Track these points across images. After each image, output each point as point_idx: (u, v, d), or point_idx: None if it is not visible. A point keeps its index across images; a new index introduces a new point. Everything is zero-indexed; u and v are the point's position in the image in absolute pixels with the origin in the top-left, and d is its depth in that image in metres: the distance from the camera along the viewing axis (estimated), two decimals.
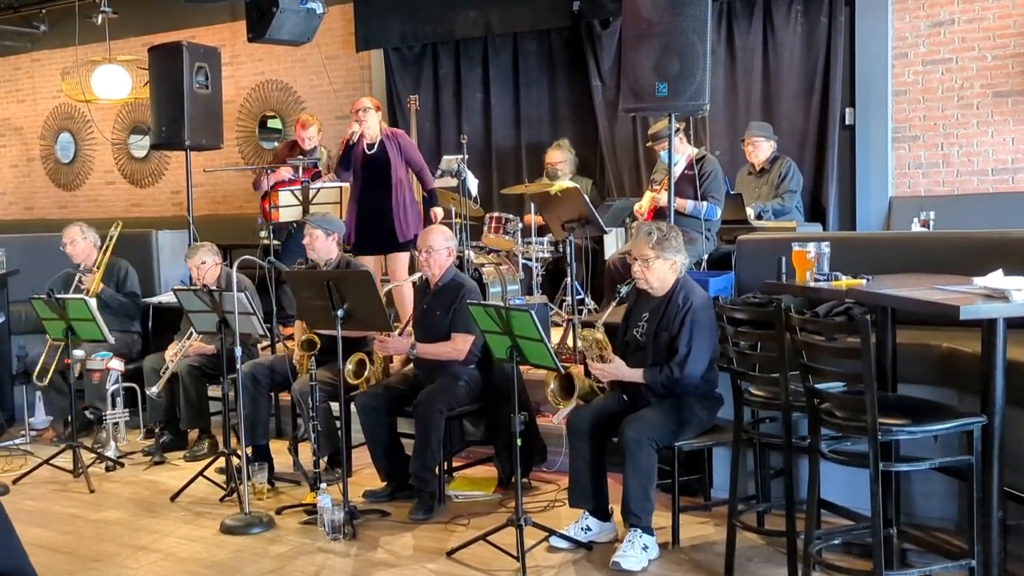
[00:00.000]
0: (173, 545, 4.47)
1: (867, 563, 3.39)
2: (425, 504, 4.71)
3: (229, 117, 9.30)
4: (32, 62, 11.89)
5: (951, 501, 4.03)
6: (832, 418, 3.35)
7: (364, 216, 6.63)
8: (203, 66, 7.08)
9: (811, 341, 3.34)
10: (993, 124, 7.05)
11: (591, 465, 4.23)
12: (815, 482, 3.47)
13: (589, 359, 4.34)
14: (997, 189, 7.05)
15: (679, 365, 4.10)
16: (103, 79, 9.79)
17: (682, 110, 5.31)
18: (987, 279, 3.26)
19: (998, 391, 3.18)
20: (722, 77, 7.60)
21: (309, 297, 4.77)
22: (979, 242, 4.57)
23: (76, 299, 5.58)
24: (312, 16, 7.02)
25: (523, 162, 8.61)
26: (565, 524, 4.33)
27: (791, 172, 6.83)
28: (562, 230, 5.95)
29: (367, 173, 6.59)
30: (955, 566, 3.39)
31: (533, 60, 8.65)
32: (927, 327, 4.13)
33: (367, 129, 6.50)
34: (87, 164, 11.67)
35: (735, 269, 5.23)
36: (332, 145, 9.05)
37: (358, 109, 6.54)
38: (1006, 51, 6.94)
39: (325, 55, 9.43)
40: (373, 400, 4.93)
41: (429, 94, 9.04)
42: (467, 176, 7.02)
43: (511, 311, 3.99)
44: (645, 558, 3.98)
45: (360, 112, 6.50)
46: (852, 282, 3.69)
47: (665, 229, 4.26)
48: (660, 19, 5.10)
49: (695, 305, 4.16)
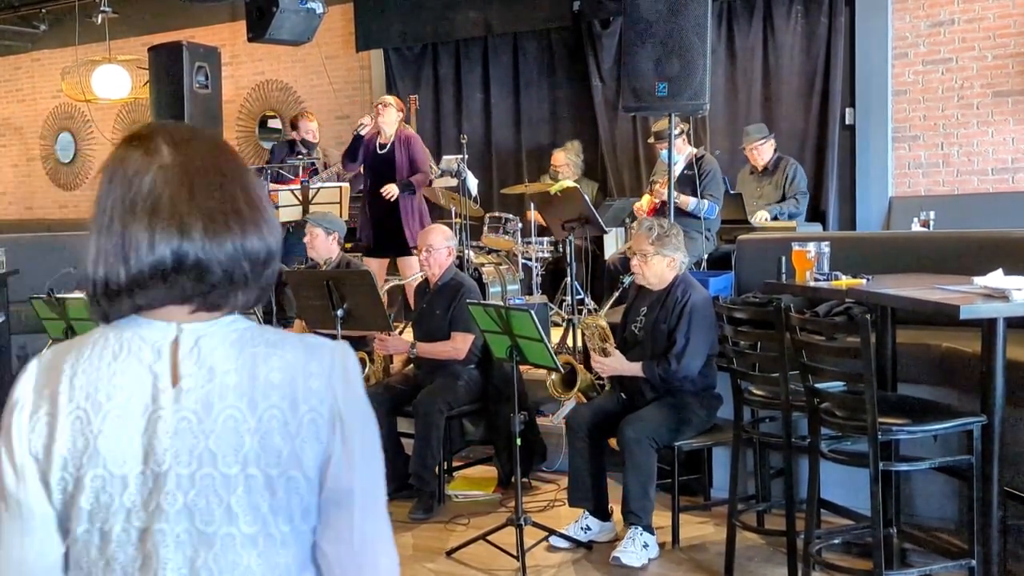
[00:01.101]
0: None
1: (867, 563, 3.40)
2: (425, 504, 4.71)
3: (229, 117, 9.29)
4: (32, 62, 11.89)
5: (951, 501, 4.03)
6: (832, 418, 3.35)
7: (376, 219, 6.65)
8: (203, 66, 7.08)
9: (811, 341, 3.35)
10: (993, 124, 7.05)
11: (591, 464, 4.23)
12: (815, 482, 3.47)
13: (591, 350, 4.35)
14: (997, 189, 7.05)
15: (676, 357, 4.10)
16: (103, 79, 9.78)
17: (682, 110, 5.31)
18: (987, 279, 3.26)
19: (998, 391, 3.19)
20: (722, 77, 7.59)
21: (309, 297, 4.77)
22: (979, 242, 4.56)
23: (76, 299, 5.58)
24: (312, 16, 7.02)
25: (523, 162, 8.61)
26: (565, 524, 4.33)
27: (798, 174, 6.84)
28: (562, 230, 5.95)
29: (375, 172, 6.60)
30: (955, 566, 3.40)
31: (533, 60, 8.65)
32: (927, 327, 4.12)
33: (383, 127, 6.53)
34: (87, 164, 11.66)
35: (735, 269, 5.23)
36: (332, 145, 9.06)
37: (378, 104, 6.59)
38: (1006, 51, 6.94)
39: (325, 55, 9.42)
40: (373, 400, 4.78)
41: (429, 94, 9.04)
42: (467, 176, 7.02)
43: (511, 311, 4.00)
44: (645, 556, 3.98)
45: (380, 107, 6.54)
46: (852, 282, 3.69)
47: (666, 226, 4.26)
48: (660, 19, 5.10)
49: (694, 299, 4.17)
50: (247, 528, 1.22)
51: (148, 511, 1.21)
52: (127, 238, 1.23)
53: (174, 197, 1.24)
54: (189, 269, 1.23)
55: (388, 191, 6.53)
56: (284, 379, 1.25)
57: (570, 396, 4.39)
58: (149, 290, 1.24)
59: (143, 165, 1.25)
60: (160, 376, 1.23)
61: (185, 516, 1.21)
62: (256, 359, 1.25)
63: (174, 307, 1.26)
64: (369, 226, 6.71)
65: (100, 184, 1.29)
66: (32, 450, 1.23)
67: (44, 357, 1.28)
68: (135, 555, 1.21)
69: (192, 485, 1.21)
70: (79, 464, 1.21)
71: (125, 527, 1.21)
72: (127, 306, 1.25)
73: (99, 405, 1.22)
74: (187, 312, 1.26)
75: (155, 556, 1.21)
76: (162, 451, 1.21)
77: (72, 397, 1.22)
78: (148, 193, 1.24)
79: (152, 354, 1.24)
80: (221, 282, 1.25)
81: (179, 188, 1.24)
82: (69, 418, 1.22)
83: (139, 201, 1.24)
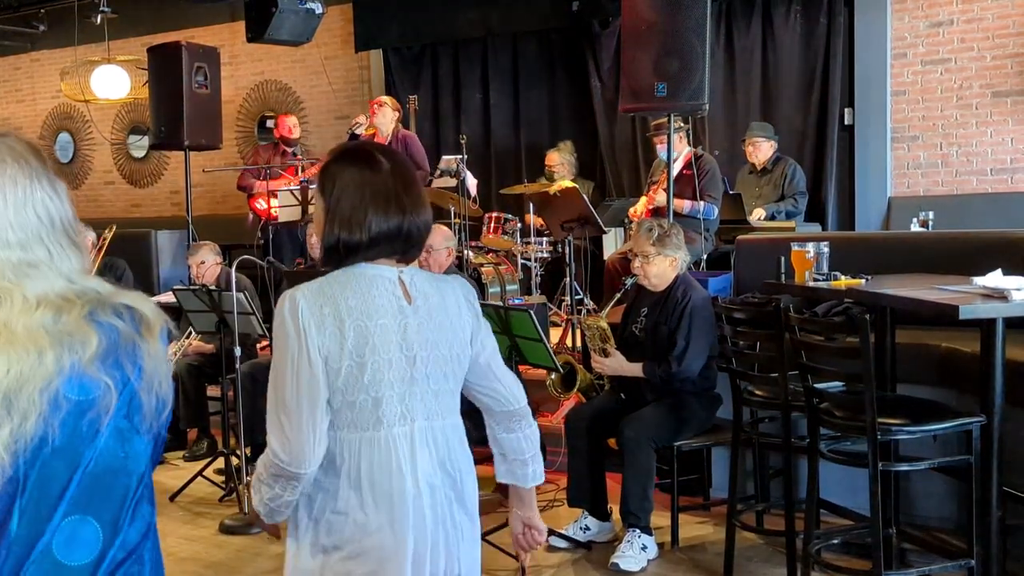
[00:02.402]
0: (172, 545, 4.47)
1: (866, 563, 3.40)
2: None
3: (228, 117, 9.29)
4: (31, 62, 11.88)
5: (950, 501, 4.03)
6: (831, 418, 3.35)
7: None
8: (202, 66, 7.08)
9: (810, 341, 3.35)
10: (992, 124, 7.05)
11: (590, 465, 4.23)
12: (814, 482, 3.47)
13: (592, 350, 4.35)
14: (996, 189, 7.05)
15: (677, 358, 4.10)
16: (102, 79, 9.78)
17: (681, 110, 5.31)
18: (986, 279, 3.26)
19: (997, 391, 3.19)
20: (721, 77, 7.60)
21: None
22: (978, 242, 4.57)
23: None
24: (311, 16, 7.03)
25: (522, 162, 8.62)
26: (564, 524, 4.33)
27: (797, 173, 6.84)
28: (561, 230, 5.95)
29: None
30: (954, 566, 3.40)
31: (533, 60, 8.65)
32: (926, 327, 4.12)
33: (380, 127, 6.53)
34: (86, 164, 11.66)
35: (734, 269, 5.23)
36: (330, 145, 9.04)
37: (374, 103, 6.59)
38: (1005, 51, 6.94)
39: (324, 55, 9.42)
40: None
41: (428, 94, 9.04)
42: (466, 176, 7.02)
43: (510, 311, 4.00)
44: (644, 558, 3.98)
45: (375, 106, 6.55)
46: (851, 282, 3.69)
47: (666, 226, 4.26)
48: (660, 19, 5.10)
49: (694, 300, 4.16)
50: (452, 385, 2.05)
51: (404, 381, 1.96)
52: (367, 214, 1.94)
53: (397, 190, 1.98)
54: (404, 235, 1.99)
55: None
56: (453, 299, 2.06)
57: (570, 396, 4.39)
58: (380, 247, 1.97)
59: (374, 170, 1.98)
60: (400, 298, 1.99)
61: (425, 381, 1.98)
62: (441, 288, 2.06)
63: (386, 259, 2.00)
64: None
65: (326, 183, 1.99)
66: (323, 349, 1.89)
67: (305, 292, 1.92)
68: (398, 409, 1.95)
69: (429, 361, 1.99)
70: (362, 354, 1.91)
71: (389, 393, 1.94)
72: (360, 258, 1.97)
73: (371, 316, 1.94)
74: (394, 262, 2.01)
75: (410, 409, 1.97)
76: (411, 342, 1.97)
77: (351, 314, 1.92)
78: (382, 187, 1.97)
79: (391, 286, 1.99)
80: (416, 243, 2.03)
81: (397, 184, 1.99)
82: (353, 326, 1.91)
83: (376, 191, 1.96)
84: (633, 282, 4.34)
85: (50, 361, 1.27)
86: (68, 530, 1.25)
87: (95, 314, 1.33)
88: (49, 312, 1.30)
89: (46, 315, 1.30)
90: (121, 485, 1.30)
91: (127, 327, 1.35)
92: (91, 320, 1.32)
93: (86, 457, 1.27)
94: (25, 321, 1.28)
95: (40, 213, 1.36)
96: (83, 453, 1.27)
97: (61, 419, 1.26)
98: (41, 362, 1.26)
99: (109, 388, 1.30)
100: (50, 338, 1.28)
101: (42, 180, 1.38)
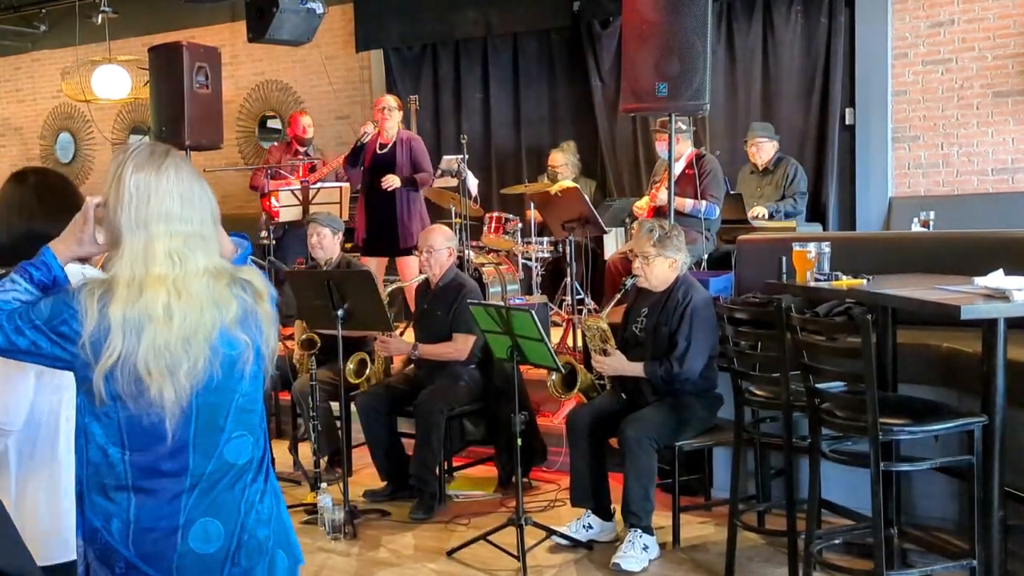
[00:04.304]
0: None
1: (868, 563, 3.40)
2: (425, 504, 4.71)
3: (229, 117, 9.28)
4: (32, 62, 11.88)
5: (952, 501, 4.03)
6: (833, 418, 3.35)
7: (373, 217, 6.65)
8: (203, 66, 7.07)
9: (812, 341, 3.34)
10: (993, 124, 7.05)
11: (591, 464, 4.23)
12: (816, 482, 3.47)
13: (592, 351, 4.35)
14: (997, 189, 7.05)
15: (679, 359, 4.10)
16: (103, 79, 9.78)
17: (682, 110, 5.30)
18: (987, 279, 3.26)
19: (999, 391, 3.18)
20: (722, 77, 7.60)
21: (310, 297, 4.76)
22: (979, 242, 4.56)
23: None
24: (312, 16, 7.02)
25: (523, 162, 8.61)
26: (565, 523, 4.33)
27: (798, 173, 6.84)
28: (562, 230, 5.94)
29: (373, 172, 6.60)
30: (956, 566, 3.39)
31: (533, 60, 8.65)
32: (927, 327, 4.12)
33: (385, 129, 6.53)
34: (87, 164, 11.66)
35: (735, 269, 5.22)
36: (331, 145, 9.06)
37: (382, 108, 6.57)
38: (1006, 51, 6.94)
39: (325, 55, 9.42)
40: (374, 400, 4.92)
41: (429, 94, 9.03)
42: (467, 176, 7.02)
43: (511, 311, 4.00)
44: (645, 558, 3.98)
45: (385, 111, 6.54)
46: (852, 282, 3.69)
47: (667, 227, 4.26)
48: (660, 19, 5.09)
49: (695, 300, 4.16)
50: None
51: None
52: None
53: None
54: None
55: (388, 180, 6.52)
56: None
57: (570, 396, 4.39)
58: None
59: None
60: None
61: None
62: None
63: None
64: (365, 225, 6.70)
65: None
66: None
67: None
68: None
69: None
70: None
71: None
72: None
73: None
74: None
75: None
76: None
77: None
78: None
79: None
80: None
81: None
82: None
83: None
84: (632, 282, 4.34)
85: (208, 318, 1.79)
86: (236, 442, 1.88)
87: (231, 286, 1.84)
88: (210, 280, 1.82)
89: (209, 282, 1.81)
90: (257, 413, 1.92)
91: (250, 298, 1.87)
92: (230, 289, 1.84)
93: (237, 393, 1.86)
94: (196, 284, 1.80)
95: (208, 203, 1.88)
96: (235, 390, 1.86)
97: (220, 363, 1.81)
98: (202, 317, 1.78)
99: (248, 345, 1.85)
100: (209, 300, 1.80)
101: (203, 180, 1.90)
